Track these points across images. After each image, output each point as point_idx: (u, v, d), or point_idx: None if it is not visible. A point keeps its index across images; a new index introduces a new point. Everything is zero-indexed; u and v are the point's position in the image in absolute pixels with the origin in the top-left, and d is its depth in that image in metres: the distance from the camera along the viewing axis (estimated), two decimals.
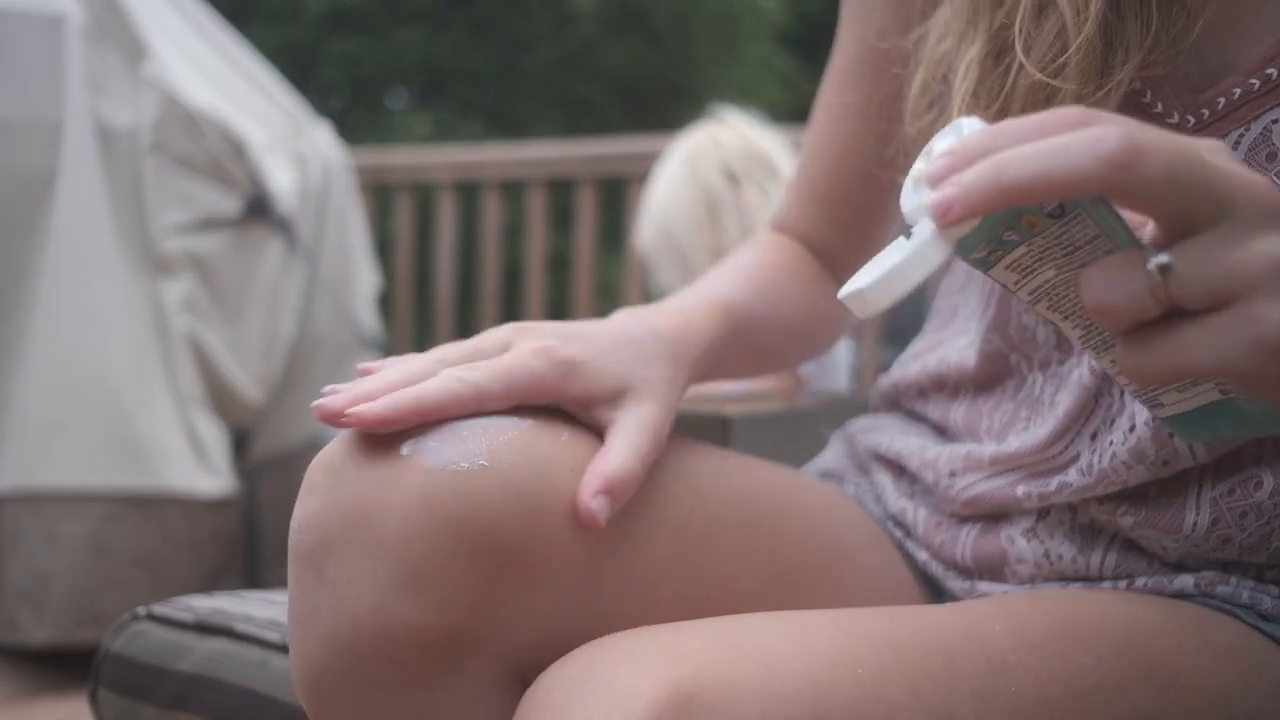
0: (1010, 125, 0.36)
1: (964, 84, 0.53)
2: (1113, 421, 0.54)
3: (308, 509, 0.44)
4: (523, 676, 0.46)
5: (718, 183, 1.61)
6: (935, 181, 0.36)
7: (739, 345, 0.61)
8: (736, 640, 0.42)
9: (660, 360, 0.52)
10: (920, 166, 0.39)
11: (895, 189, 0.67)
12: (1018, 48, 0.51)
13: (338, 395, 0.44)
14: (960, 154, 0.36)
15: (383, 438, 0.44)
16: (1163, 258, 0.34)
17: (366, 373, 0.48)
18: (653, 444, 0.48)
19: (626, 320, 0.54)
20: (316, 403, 0.44)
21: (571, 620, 0.46)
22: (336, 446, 0.46)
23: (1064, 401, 0.55)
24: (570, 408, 0.49)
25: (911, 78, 0.59)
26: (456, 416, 0.45)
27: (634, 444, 0.47)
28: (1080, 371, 0.55)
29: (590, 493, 0.45)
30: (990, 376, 0.62)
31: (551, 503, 0.44)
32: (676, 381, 0.53)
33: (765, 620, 0.45)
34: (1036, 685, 0.44)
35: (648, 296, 1.81)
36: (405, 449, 0.44)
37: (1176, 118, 0.52)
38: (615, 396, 0.49)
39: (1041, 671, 0.45)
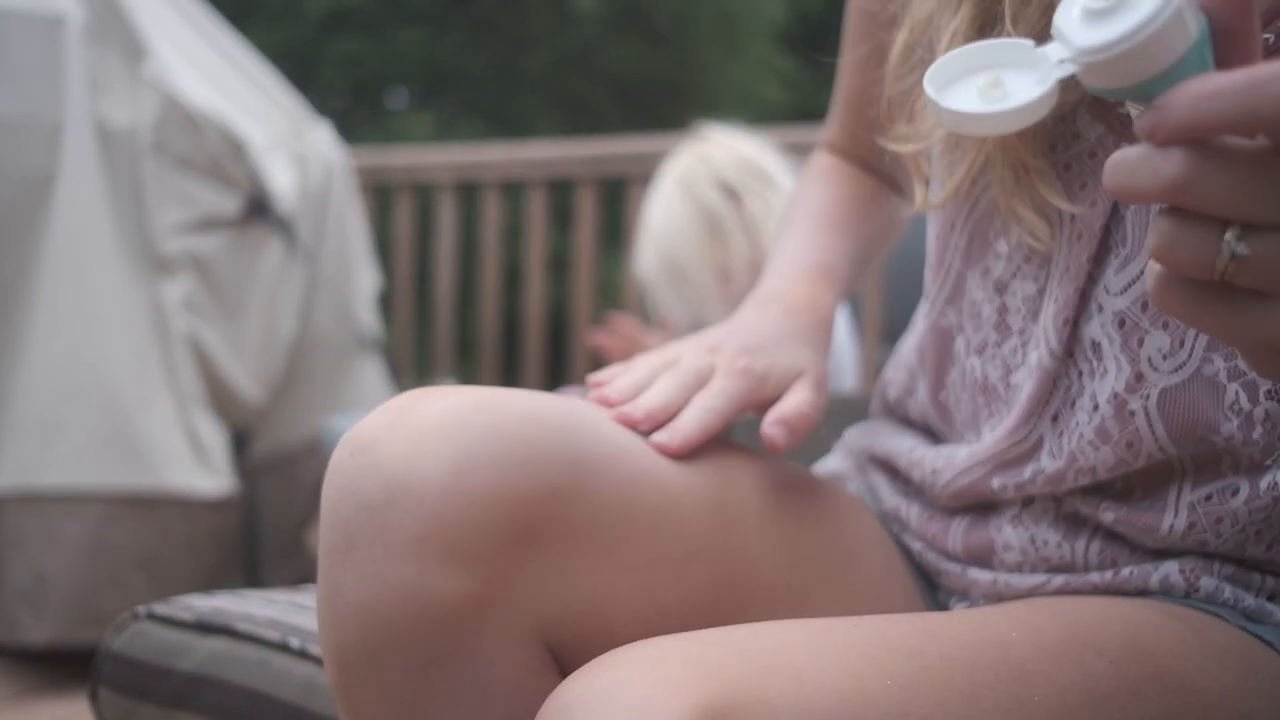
0: None
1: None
2: (1073, 403, 0.54)
3: (335, 489, 0.46)
4: (545, 634, 0.48)
5: (716, 201, 1.59)
6: None
7: (844, 296, 0.71)
8: (761, 652, 0.42)
9: (810, 344, 0.63)
10: None
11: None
12: (1006, 20, 0.51)
13: (632, 408, 0.54)
14: None
15: (405, 420, 0.46)
16: (1242, 247, 0.32)
17: (597, 384, 0.57)
18: (817, 393, 0.59)
19: (775, 318, 0.63)
20: (613, 411, 0.54)
21: (599, 583, 0.48)
22: (361, 429, 0.47)
23: (1027, 386, 0.56)
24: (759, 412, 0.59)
25: (895, 39, 0.59)
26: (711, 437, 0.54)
27: (802, 393, 0.58)
28: (1039, 354, 0.55)
29: (768, 423, 0.56)
30: (937, 355, 0.63)
31: (583, 474, 0.48)
32: (821, 361, 0.63)
33: (786, 629, 0.45)
34: (1057, 695, 0.44)
35: (646, 310, 1.81)
36: (431, 434, 0.46)
37: None
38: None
39: (1060, 679, 0.45)
